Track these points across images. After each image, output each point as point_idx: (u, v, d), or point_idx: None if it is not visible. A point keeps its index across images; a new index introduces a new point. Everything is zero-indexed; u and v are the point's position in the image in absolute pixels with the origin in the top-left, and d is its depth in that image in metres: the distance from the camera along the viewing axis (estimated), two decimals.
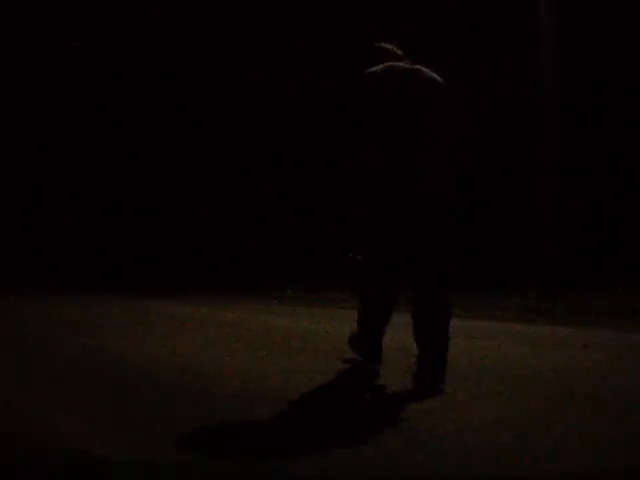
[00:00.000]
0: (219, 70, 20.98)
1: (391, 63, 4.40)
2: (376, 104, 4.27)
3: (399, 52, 4.56)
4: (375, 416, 3.63)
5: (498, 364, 5.05)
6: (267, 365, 5.22)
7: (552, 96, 12.55)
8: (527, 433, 3.23)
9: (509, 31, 16.03)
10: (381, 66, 4.36)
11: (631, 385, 4.31)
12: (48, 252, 22.45)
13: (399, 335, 6.10)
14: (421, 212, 4.20)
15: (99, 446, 3.23)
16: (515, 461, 2.84)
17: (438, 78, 4.32)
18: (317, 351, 5.91)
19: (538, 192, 12.89)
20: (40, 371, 5.40)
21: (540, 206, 12.73)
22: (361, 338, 4.67)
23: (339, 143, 5.21)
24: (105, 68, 22.13)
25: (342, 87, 4.93)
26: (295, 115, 19.67)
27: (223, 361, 5.49)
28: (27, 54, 22.08)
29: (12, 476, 2.46)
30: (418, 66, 4.40)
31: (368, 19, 18.21)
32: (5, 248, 21.73)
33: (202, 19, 21.08)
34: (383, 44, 4.59)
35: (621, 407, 3.73)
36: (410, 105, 4.21)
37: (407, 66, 4.40)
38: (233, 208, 21.71)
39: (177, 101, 21.71)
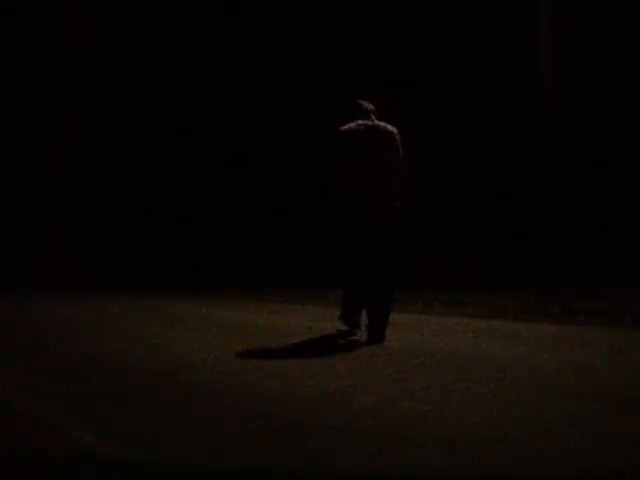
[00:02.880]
0: (217, 75, 21.06)
1: (359, 122, 6.41)
2: (347, 149, 6.37)
3: (371, 107, 6.52)
4: (374, 415, 3.63)
5: (497, 364, 5.06)
6: (267, 365, 5.22)
7: (550, 97, 12.55)
8: (527, 433, 3.23)
9: (508, 35, 16.05)
10: (352, 124, 6.41)
11: (631, 385, 4.31)
12: (46, 251, 22.45)
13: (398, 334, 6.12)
14: (377, 218, 6.33)
15: (99, 446, 3.24)
16: (515, 461, 2.84)
17: (389, 130, 6.42)
18: (314, 349, 5.93)
19: (538, 192, 12.88)
20: (41, 371, 5.41)
21: (540, 206, 12.72)
22: (344, 313, 6.40)
23: (324, 171, 7.16)
24: (107, 68, 22.16)
25: (329, 131, 6.87)
26: (290, 125, 19.81)
27: (219, 361, 5.49)
28: (28, 55, 22.09)
29: (13, 476, 2.46)
30: (377, 122, 6.44)
31: (367, 22, 18.28)
32: (5, 247, 21.74)
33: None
34: (361, 101, 6.55)
35: (622, 407, 3.74)
36: (369, 150, 6.33)
37: (369, 123, 6.41)
38: (232, 210, 21.74)
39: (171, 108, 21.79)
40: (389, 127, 6.43)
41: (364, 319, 6.43)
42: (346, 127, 6.42)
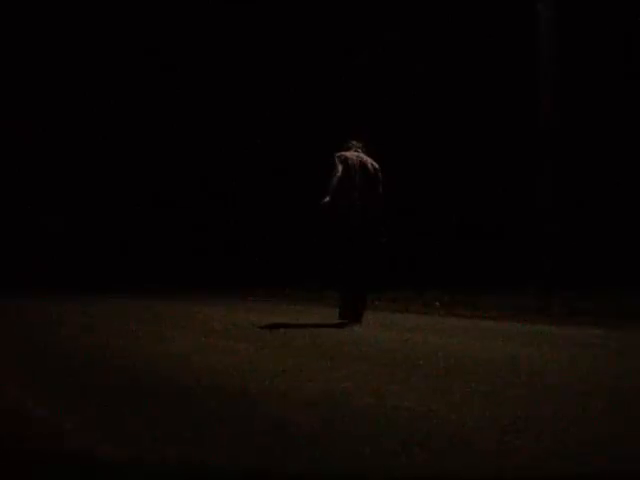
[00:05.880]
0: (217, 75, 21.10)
1: (351, 152, 8.21)
2: (343, 170, 7.99)
3: (359, 144, 8.34)
4: (373, 416, 3.63)
5: (498, 364, 5.06)
6: (268, 365, 5.22)
7: (550, 97, 12.55)
8: (527, 433, 3.23)
9: (508, 36, 16.07)
10: (347, 152, 8.19)
11: (632, 385, 4.31)
12: (46, 252, 22.47)
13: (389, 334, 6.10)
14: (365, 226, 8.02)
15: (99, 446, 3.24)
16: (515, 461, 2.84)
17: (374, 165, 8.21)
18: (328, 351, 5.93)
19: (538, 192, 12.88)
20: (41, 371, 5.41)
21: (540, 206, 12.72)
22: (343, 309, 8.00)
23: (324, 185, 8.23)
24: (101, 71, 22.18)
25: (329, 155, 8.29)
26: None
27: (220, 362, 5.50)
28: (27, 55, 22.09)
29: (13, 476, 2.46)
30: (365, 157, 8.23)
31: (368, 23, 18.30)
32: (5, 248, 21.76)
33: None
34: (353, 141, 8.35)
35: (622, 406, 3.74)
36: (359, 173, 8.08)
37: (360, 155, 8.22)
38: (235, 212, 21.76)
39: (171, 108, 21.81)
40: (374, 163, 8.26)
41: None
42: (344, 153, 8.16)
